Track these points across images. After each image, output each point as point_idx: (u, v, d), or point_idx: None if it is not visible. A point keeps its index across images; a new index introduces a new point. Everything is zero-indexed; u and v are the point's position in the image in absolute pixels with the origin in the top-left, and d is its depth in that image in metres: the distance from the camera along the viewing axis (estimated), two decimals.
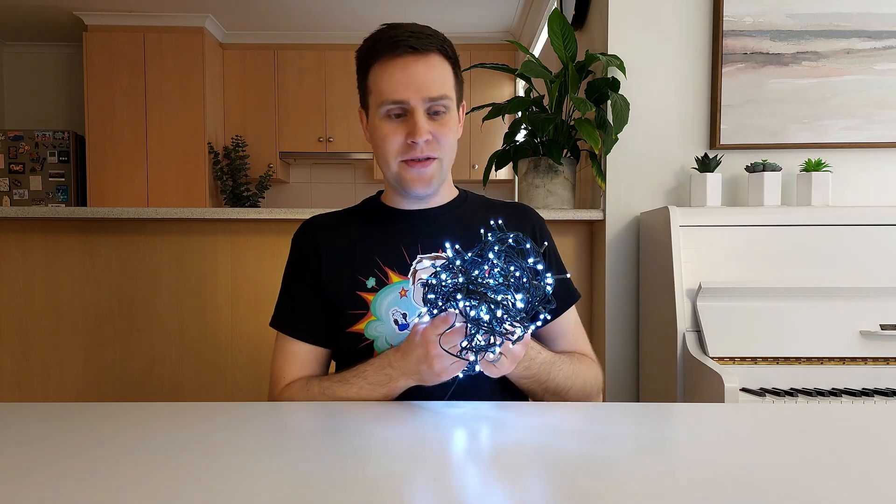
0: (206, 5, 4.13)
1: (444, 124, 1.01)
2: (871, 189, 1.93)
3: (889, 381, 1.42)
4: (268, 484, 0.57)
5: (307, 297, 1.07)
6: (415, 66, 0.97)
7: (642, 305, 1.93)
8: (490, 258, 0.80)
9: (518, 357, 0.87)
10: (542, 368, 0.98)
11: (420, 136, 0.98)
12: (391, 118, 1.00)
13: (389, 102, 0.99)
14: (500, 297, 0.79)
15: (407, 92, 0.97)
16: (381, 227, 1.09)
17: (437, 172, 1.03)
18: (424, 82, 0.97)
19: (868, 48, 1.90)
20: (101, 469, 0.61)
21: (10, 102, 4.78)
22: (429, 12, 4.14)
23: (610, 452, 0.69)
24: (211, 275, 2.02)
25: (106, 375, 2.02)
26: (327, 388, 0.98)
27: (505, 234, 0.82)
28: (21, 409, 0.87)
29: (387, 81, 0.98)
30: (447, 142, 1.02)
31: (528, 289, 0.80)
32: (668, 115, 1.95)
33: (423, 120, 0.98)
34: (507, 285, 0.79)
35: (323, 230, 1.10)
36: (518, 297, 0.79)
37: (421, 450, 0.70)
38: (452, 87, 1.02)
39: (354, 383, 0.95)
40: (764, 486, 0.57)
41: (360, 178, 5.03)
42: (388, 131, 1.01)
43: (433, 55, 0.99)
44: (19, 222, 2.00)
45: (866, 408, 1.09)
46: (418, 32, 0.99)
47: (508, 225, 0.91)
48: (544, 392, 1.01)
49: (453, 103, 1.03)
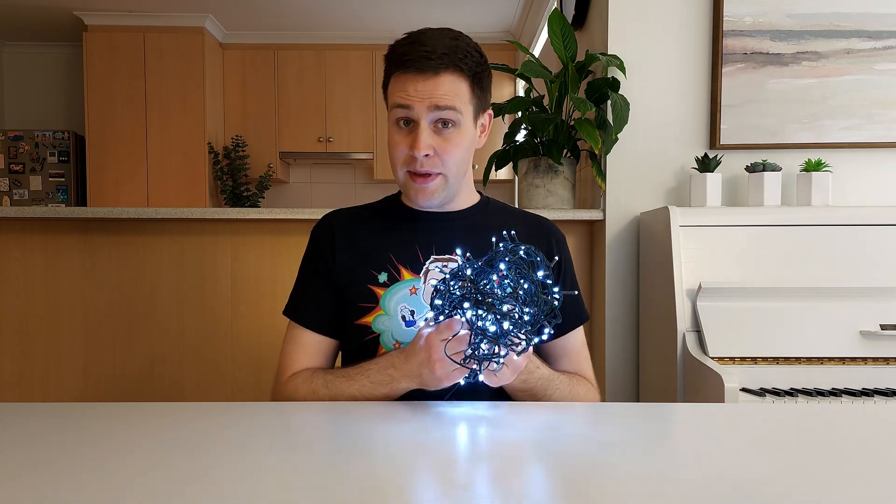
0: (206, 5, 4.13)
1: (448, 139, 1.00)
2: (871, 189, 1.93)
3: (889, 381, 1.42)
4: (268, 484, 0.57)
5: (320, 288, 1.08)
6: (423, 83, 0.98)
7: (642, 305, 1.93)
8: (500, 268, 0.80)
9: (519, 368, 0.88)
10: (540, 384, 0.98)
11: (419, 151, 0.98)
12: (401, 127, 1.01)
13: (396, 106, 1.00)
14: (507, 308, 0.79)
15: (412, 99, 0.98)
16: (398, 225, 1.11)
17: (439, 188, 1.03)
18: (431, 94, 0.98)
19: (868, 48, 1.90)
20: (101, 469, 0.61)
21: (10, 102, 4.78)
22: (429, 12, 4.14)
23: (610, 452, 0.69)
24: (211, 275, 2.02)
25: (106, 375, 2.02)
26: (330, 381, 0.99)
27: (516, 245, 0.82)
28: (21, 409, 0.87)
29: (398, 89, 1.00)
30: (451, 158, 1.01)
31: (536, 301, 0.80)
32: (668, 115, 1.95)
33: (425, 133, 0.98)
34: (514, 297, 0.79)
35: (341, 223, 1.11)
36: (525, 310, 0.79)
37: (421, 449, 0.70)
38: (467, 101, 1.00)
39: (357, 380, 0.96)
40: (764, 486, 0.57)
41: (360, 178, 5.03)
42: (397, 140, 1.02)
43: (443, 75, 0.98)
44: (19, 222, 2.00)
45: (866, 408, 1.09)
46: (432, 52, 0.97)
47: (524, 236, 0.91)
48: None
49: (464, 117, 1.01)
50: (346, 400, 0.96)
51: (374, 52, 4.51)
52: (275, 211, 1.93)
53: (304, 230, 1.15)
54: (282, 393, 1.05)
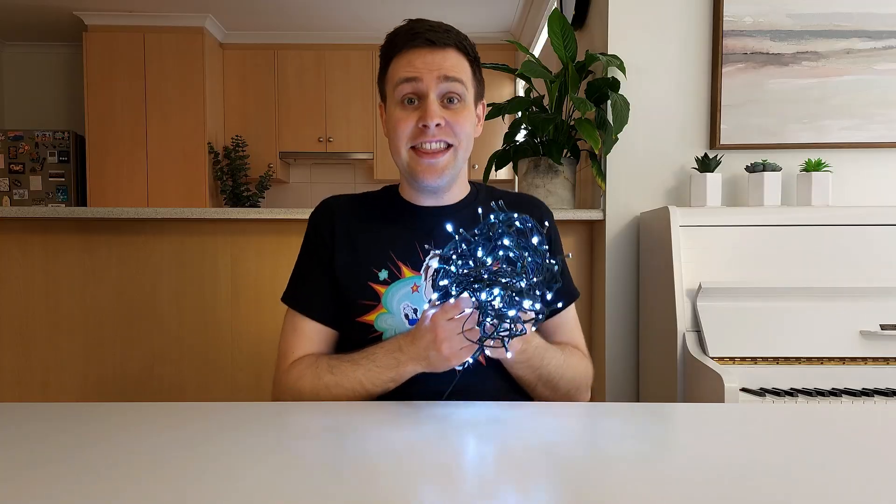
0: (206, 5, 4.13)
1: (458, 112, 1.01)
2: (871, 189, 1.93)
3: (889, 381, 1.42)
4: (268, 484, 0.57)
5: (319, 275, 1.07)
6: (431, 55, 0.98)
7: (642, 305, 1.93)
8: (505, 243, 0.79)
9: (527, 338, 0.88)
10: (537, 353, 0.98)
11: (431, 119, 0.98)
12: (405, 105, 1.01)
13: (403, 80, 0.99)
14: (513, 281, 0.77)
15: (420, 70, 0.98)
16: (397, 221, 1.10)
17: (450, 163, 1.03)
18: (440, 66, 0.98)
19: (868, 48, 1.90)
20: (101, 469, 0.61)
21: (10, 102, 4.78)
22: (429, 12, 4.13)
23: (610, 452, 0.69)
24: (211, 275, 2.02)
25: (106, 375, 2.02)
26: (335, 366, 0.98)
27: (509, 215, 0.81)
28: (21, 409, 0.87)
29: (403, 65, 1.00)
30: (462, 130, 1.01)
31: (541, 269, 0.79)
32: (668, 115, 1.95)
33: (435, 104, 0.99)
34: (521, 269, 0.78)
35: (341, 214, 1.10)
36: (533, 280, 0.78)
37: (421, 450, 0.70)
38: (470, 79, 1.02)
39: (363, 364, 0.95)
40: (764, 486, 0.57)
41: (360, 178, 5.03)
42: (401, 117, 1.01)
43: (450, 49, 1.00)
44: (19, 222, 2.00)
45: (866, 408, 1.09)
46: (437, 27, 1.00)
47: (513, 206, 0.90)
48: (537, 380, 1.02)
49: (469, 95, 1.02)
50: (351, 385, 0.95)
51: (373, 52, 4.49)
52: (275, 211, 1.93)
53: (304, 231, 1.15)
54: (285, 379, 1.03)
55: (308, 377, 0.99)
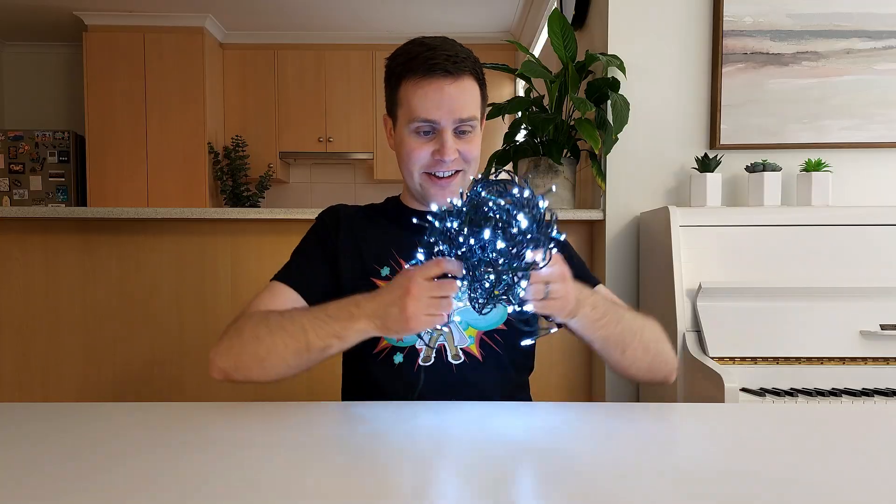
0: (206, 5, 4.13)
1: (469, 142, 1.05)
2: (871, 189, 1.93)
3: (889, 381, 1.42)
4: (268, 484, 0.57)
5: (317, 263, 1.08)
6: (448, 88, 1.00)
7: (642, 305, 1.93)
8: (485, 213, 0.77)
9: (568, 291, 0.85)
10: (611, 308, 0.95)
11: (448, 156, 1.02)
12: (419, 134, 1.03)
13: (420, 120, 1.01)
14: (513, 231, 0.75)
15: (439, 112, 1.00)
16: (401, 224, 1.11)
17: (460, 183, 1.07)
18: (457, 105, 1.01)
19: (868, 48, 1.90)
20: (101, 469, 0.61)
21: (10, 102, 4.78)
22: (429, 12, 4.14)
23: (610, 452, 0.69)
24: (211, 275, 2.02)
25: (106, 375, 2.02)
26: (287, 312, 0.95)
27: (484, 178, 0.81)
28: (21, 409, 0.87)
29: (420, 99, 1.01)
30: (472, 156, 1.06)
31: (535, 216, 0.77)
32: (668, 116, 1.95)
33: (451, 140, 1.02)
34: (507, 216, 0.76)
35: (347, 216, 1.13)
36: (522, 219, 0.76)
37: (421, 450, 0.70)
38: (479, 105, 1.06)
39: (313, 311, 0.92)
40: (764, 486, 0.57)
41: (360, 178, 5.03)
42: (415, 146, 1.04)
43: (465, 78, 1.02)
44: (19, 222, 2.00)
45: (866, 408, 1.09)
46: (454, 56, 1.01)
47: None
48: (621, 334, 0.97)
49: (479, 122, 1.07)
50: (293, 329, 0.90)
51: (374, 52, 4.51)
52: (275, 211, 1.93)
53: (304, 230, 1.15)
54: (230, 327, 0.98)
55: (256, 318, 0.95)
